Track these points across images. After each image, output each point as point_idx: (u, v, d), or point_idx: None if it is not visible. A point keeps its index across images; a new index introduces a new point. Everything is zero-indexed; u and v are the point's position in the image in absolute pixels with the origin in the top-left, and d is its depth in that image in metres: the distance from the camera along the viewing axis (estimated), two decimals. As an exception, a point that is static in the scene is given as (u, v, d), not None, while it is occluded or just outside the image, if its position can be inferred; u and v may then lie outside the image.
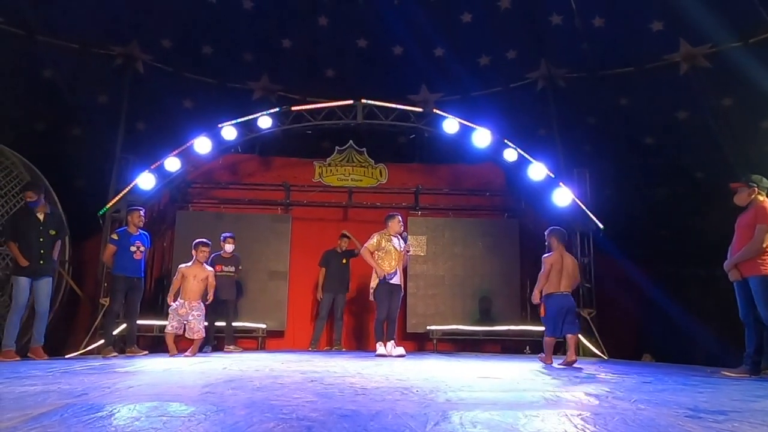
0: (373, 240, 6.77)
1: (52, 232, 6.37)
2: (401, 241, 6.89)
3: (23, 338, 6.43)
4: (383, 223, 6.96)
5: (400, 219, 6.94)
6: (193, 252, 6.58)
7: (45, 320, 6.29)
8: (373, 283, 6.75)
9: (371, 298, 6.82)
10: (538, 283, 5.79)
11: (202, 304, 6.46)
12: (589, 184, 8.93)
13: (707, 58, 8.63)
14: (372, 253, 6.73)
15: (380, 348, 6.58)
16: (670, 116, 9.35)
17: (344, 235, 8.80)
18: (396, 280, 6.77)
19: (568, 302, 5.72)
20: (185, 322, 6.29)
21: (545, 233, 6.05)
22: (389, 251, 6.74)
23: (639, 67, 9.24)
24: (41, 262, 6.19)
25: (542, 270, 5.78)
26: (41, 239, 6.22)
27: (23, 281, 6.10)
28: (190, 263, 6.54)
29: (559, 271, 5.71)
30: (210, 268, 6.73)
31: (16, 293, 6.12)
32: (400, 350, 6.60)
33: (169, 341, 6.35)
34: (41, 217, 6.29)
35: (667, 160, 9.61)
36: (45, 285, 6.26)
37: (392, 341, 6.68)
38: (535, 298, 5.82)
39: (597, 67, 9.57)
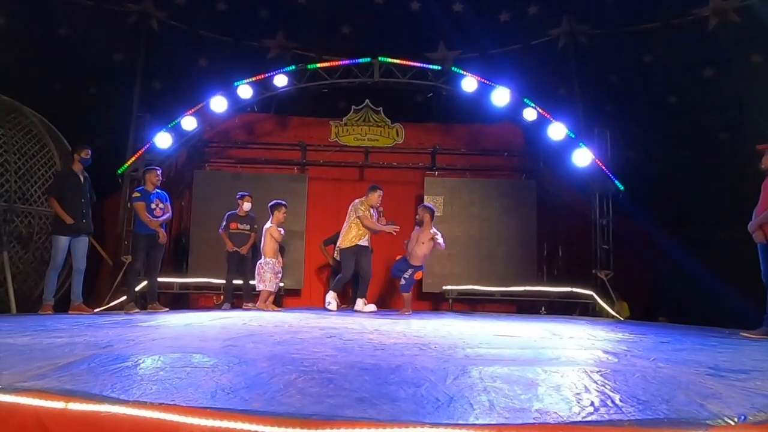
0: (362, 208, 7.08)
1: (88, 195, 6.60)
2: (375, 213, 7.23)
3: (57, 294, 6.64)
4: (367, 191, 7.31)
5: (381, 193, 7.24)
6: (279, 214, 7.14)
7: (82, 277, 6.50)
8: (344, 242, 7.07)
9: (336, 257, 7.35)
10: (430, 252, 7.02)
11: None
12: (609, 144, 8.76)
13: (737, 12, 8.30)
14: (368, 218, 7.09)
15: (329, 299, 7.06)
16: (695, 74, 9.06)
17: None
18: (364, 242, 7.11)
19: None
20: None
21: (419, 209, 7.22)
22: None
23: (665, 22, 8.92)
24: (83, 221, 6.42)
25: (432, 242, 6.91)
26: (82, 200, 6.45)
27: (63, 240, 6.32)
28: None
29: None
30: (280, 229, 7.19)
31: (55, 252, 6.34)
32: (372, 307, 7.05)
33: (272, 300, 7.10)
34: (81, 179, 6.50)
35: (691, 120, 9.36)
36: (82, 245, 6.49)
37: (363, 299, 7.04)
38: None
39: (621, 23, 9.26)
